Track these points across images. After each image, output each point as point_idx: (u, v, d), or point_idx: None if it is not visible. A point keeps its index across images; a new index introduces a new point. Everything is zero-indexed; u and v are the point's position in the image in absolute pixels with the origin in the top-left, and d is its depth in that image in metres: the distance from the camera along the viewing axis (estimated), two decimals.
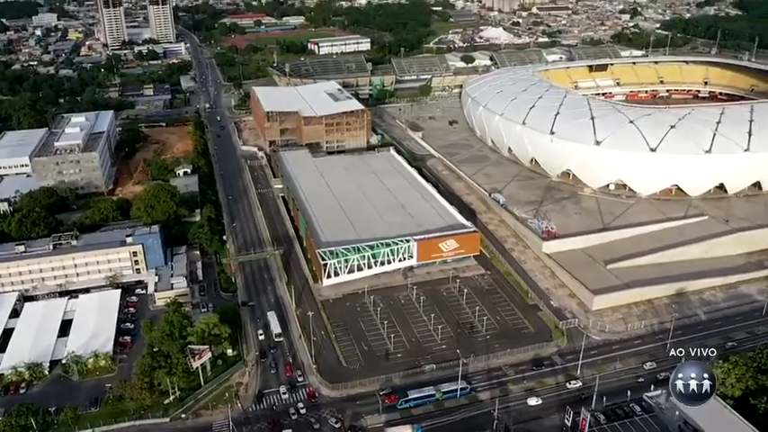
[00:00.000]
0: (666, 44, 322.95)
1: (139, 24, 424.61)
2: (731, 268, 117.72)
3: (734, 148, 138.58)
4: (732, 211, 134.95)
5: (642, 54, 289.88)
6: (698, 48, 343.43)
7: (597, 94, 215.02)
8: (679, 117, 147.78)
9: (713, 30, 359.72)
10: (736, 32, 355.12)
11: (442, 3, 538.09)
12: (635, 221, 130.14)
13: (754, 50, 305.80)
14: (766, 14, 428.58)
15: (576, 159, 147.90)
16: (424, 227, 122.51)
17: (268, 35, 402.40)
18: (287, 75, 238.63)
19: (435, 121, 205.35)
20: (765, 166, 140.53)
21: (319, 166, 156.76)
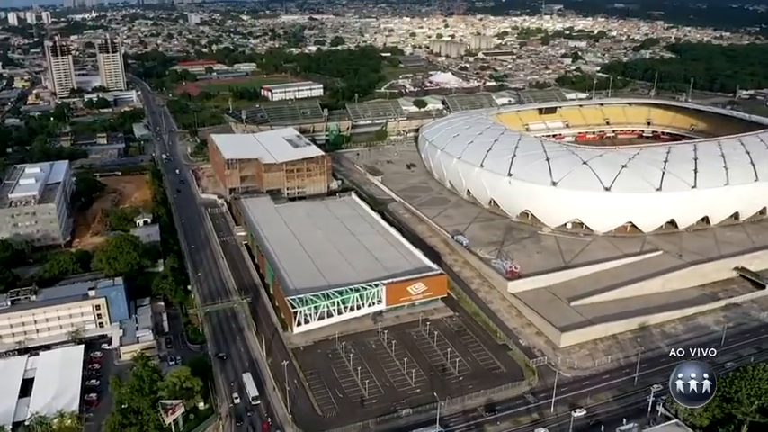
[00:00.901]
0: (608, 86, 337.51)
1: (88, 72, 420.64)
2: (687, 301, 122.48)
3: (682, 185, 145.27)
4: (684, 245, 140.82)
5: (587, 96, 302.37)
6: (637, 90, 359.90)
7: (548, 135, 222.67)
8: (629, 157, 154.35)
9: (650, 72, 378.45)
10: (671, 74, 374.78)
11: (391, 49, 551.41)
12: (594, 259, 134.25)
13: (689, 91, 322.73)
14: (697, 57, 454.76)
15: (534, 200, 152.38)
16: (392, 271, 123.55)
17: (220, 82, 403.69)
18: (243, 122, 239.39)
19: (393, 165, 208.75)
20: (712, 202, 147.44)
21: (282, 213, 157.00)
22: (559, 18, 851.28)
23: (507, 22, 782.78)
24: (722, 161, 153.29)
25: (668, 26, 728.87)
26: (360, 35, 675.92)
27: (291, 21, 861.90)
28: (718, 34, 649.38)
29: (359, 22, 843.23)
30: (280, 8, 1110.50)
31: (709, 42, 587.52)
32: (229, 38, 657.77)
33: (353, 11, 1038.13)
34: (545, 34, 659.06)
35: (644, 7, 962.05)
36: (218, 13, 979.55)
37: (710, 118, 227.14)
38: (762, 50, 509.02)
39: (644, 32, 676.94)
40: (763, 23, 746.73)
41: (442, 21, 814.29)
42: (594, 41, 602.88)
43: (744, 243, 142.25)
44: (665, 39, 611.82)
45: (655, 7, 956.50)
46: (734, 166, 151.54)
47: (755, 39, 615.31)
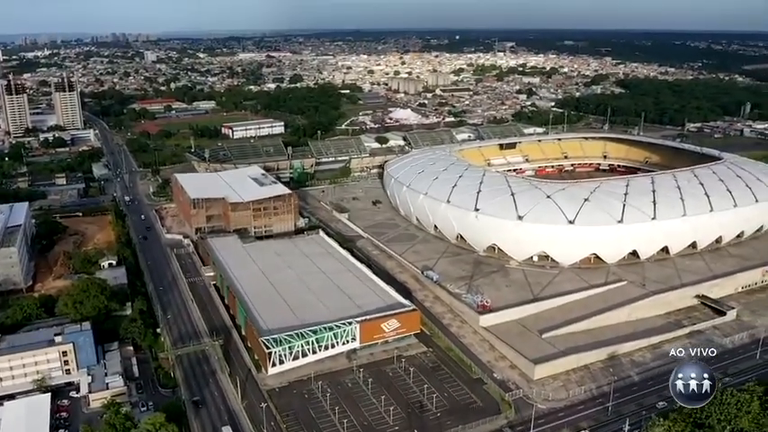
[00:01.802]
0: (563, 121, 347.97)
1: (43, 111, 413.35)
2: (653, 329, 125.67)
3: (642, 217, 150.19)
4: (647, 275, 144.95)
5: (544, 131, 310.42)
6: (591, 124, 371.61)
7: (509, 170, 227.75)
8: (590, 190, 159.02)
9: (602, 107, 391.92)
10: (622, 109, 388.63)
11: (350, 86, 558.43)
12: (562, 290, 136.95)
13: (641, 125, 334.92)
14: (645, 92, 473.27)
15: (500, 234, 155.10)
16: (364, 308, 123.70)
17: (179, 120, 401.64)
18: (207, 160, 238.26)
19: (359, 202, 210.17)
20: (671, 232, 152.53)
21: (250, 252, 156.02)
22: (512, 55, 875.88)
23: (462, 59, 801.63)
24: (678, 193, 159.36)
25: (616, 62, 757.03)
26: (318, 72, 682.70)
27: (249, 58, 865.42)
28: (663, 70, 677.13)
29: (316, 59, 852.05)
30: (237, 46, 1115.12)
31: (655, 78, 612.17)
32: (187, 75, 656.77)
33: (310, 48, 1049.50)
34: (499, 71, 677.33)
35: (592, 44, 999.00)
36: (175, 51, 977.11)
37: (663, 151, 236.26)
38: (705, 85, 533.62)
39: (594, 68, 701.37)
40: (704, 59, 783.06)
41: (398, 58, 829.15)
42: (547, 77, 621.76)
43: (703, 271, 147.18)
44: (614, 74, 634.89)
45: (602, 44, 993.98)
46: (690, 198, 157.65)
47: (698, 74, 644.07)
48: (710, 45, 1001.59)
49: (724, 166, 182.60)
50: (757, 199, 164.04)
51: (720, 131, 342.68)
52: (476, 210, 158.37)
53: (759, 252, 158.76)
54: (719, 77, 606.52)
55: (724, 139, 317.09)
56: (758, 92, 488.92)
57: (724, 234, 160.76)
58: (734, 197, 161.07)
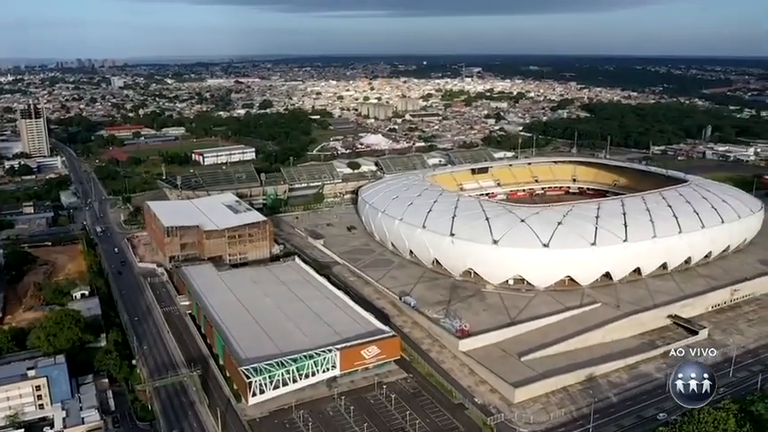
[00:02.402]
0: (532, 145, 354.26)
1: (8, 138, 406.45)
2: (629, 350, 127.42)
3: (614, 239, 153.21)
4: (620, 296, 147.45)
5: (513, 155, 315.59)
6: (559, 147, 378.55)
7: (481, 194, 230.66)
8: (563, 214, 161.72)
9: (569, 131, 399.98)
10: (589, 132, 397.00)
11: (320, 111, 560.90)
12: (539, 313, 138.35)
13: (607, 148, 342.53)
14: (610, 116, 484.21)
15: (476, 258, 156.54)
16: (344, 335, 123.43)
17: (149, 147, 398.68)
18: (178, 187, 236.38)
19: (334, 228, 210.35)
20: (642, 254, 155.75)
21: (226, 280, 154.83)
22: (479, 80, 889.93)
23: (431, 85, 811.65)
24: (648, 215, 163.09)
25: (580, 87, 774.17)
26: (288, 98, 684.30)
27: (217, 84, 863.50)
28: (626, 94, 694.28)
29: (285, 85, 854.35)
30: (205, 72, 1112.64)
31: (619, 102, 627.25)
32: (155, 102, 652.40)
33: (279, 74, 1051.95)
34: (467, 96, 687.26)
35: (556, 69, 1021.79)
36: (142, 77, 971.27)
37: (630, 173, 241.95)
38: (667, 108, 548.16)
39: (559, 93, 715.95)
40: (665, 84, 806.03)
41: (367, 83, 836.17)
42: (514, 102, 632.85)
43: (674, 292, 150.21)
44: (578, 99, 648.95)
45: (566, 69, 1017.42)
46: (659, 220, 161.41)
47: (660, 98, 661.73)
48: (670, 70, 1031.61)
49: (690, 188, 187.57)
50: (723, 220, 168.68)
51: (684, 154, 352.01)
52: (451, 235, 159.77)
53: (727, 272, 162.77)
54: (680, 101, 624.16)
55: (687, 162, 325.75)
56: (717, 115, 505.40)
57: (693, 255, 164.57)
58: (701, 219, 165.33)
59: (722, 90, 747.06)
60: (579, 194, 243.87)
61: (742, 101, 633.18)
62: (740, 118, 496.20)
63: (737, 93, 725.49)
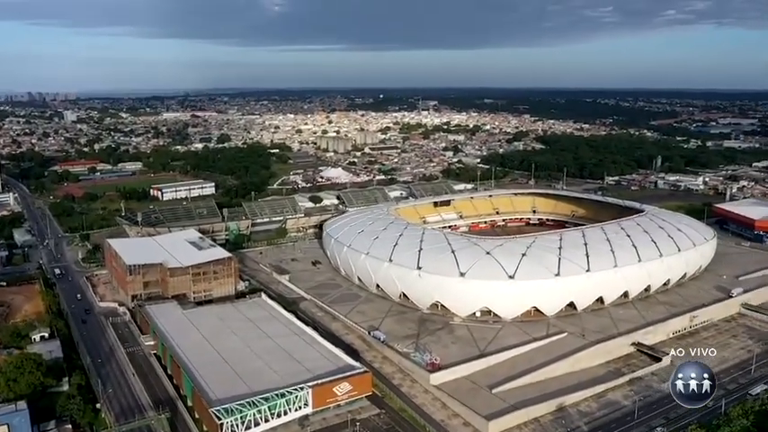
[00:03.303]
0: (490, 177, 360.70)
1: None
2: (596, 379, 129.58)
3: (577, 269, 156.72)
4: (585, 325, 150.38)
5: (473, 187, 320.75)
6: (517, 179, 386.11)
7: (444, 226, 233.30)
8: (527, 245, 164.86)
9: (526, 162, 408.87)
10: (545, 164, 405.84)
11: (279, 145, 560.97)
12: (507, 345, 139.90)
13: (564, 179, 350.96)
14: (564, 148, 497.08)
15: (443, 291, 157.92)
16: (314, 372, 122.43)
17: (105, 182, 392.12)
18: (139, 224, 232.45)
19: (299, 263, 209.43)
20: (605, 283, 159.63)
21: (192, 319, 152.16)
22: (436, 113, 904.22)
23: (388, 118, 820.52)
24: (609, 245, 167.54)
25: (534, 119, 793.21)
26: (246, 132, 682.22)
27: (173, 118, 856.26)
28: (578, 126, 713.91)
29: (243, 118, 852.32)
30: (160, 105, 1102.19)
31: (572, 134, 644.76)
32: (110, 136, 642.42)
33: (236, 108, 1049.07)
34: (425, 129, 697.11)
35: (510, 102, 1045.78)
36: (96, 111, 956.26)
37: (588, 204, 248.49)
38: (618, 140, 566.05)
39: (514, 125, 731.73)
40: (615, 115, 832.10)
41: (325, 117, 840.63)
42: (471, 135, 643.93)
43: (636, 319, 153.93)
44: (533, 131, 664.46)
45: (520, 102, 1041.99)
46: (619, 249, 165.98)
47: (611, 129, 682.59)
48: (619, 102, 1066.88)
49: (647, 218, 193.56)
50: (679, 248, 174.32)
51: (637, 184, 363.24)
52: (418, 268, 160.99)
53: (685, 299, 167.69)
54: (630, 133, 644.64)
55: (641, 191, 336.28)
56: (666, 145, 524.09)
57: (652, 283, 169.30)
58: (659, 248, 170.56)
59: (669, 121, 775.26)
60: (539, 225, 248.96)
61: (688, 132, 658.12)
62: (687, 148, 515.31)
63: (683, 124, 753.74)
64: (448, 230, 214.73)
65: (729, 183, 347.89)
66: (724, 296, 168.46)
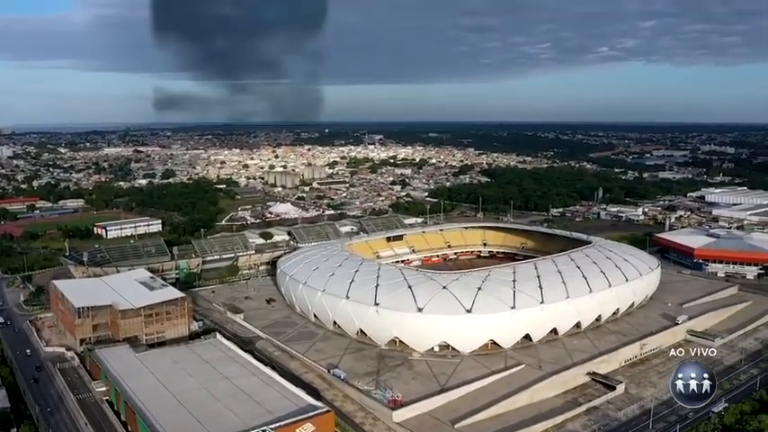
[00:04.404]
0: (439, 211, 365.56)
1: None
2: (555, 409, 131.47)
3: (532, 302, 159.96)
4: (541, 357, 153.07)
5: (422, 221, 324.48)
6: (465, 212, 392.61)
7: (397, 261, 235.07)
8: (482, 279, 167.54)
9: (473, 196, 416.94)
10: (491, 197, 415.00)
11: (226, 180, 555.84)
12: (467, 378, 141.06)
13: (510, 212, 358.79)
14: (509, 181, 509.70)
15: (401, 327, 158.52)
16: (276, 414, 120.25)
17: (45, 220, 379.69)
18: (85, 264, 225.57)
19: (253, 301, 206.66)
20: (558, 315, 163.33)
21: (145, 362, 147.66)
22: (382, 147, 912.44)
23: (335, 152, 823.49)
24: (560, 277, 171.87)
25: (479, 152, 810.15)
26: (191, 167, 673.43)
27: (115, 153, 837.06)
28: (521, 159, 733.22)
29: (187, 153, 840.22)
30: (101, 140, 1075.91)
31: (516, 167, 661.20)
32: (49, 172, 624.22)
33: (180, 142, 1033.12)
34: (372, 163, 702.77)
35: (455, 135, 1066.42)
36: (33, 146, 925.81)
37: (537, 236, 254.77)
38: (560, 172, 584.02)
39: (459, 159, 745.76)
40: (555, 148, 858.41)
41: (271, 152, 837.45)
42: (418, 168, 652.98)
43: (590, 349, 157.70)
44: (478, 164, 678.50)
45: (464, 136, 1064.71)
46: (570, 281, 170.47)
47: (553, 162, 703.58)
48: (558, 135, 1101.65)
49: (595, 249, 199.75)
50: (627, 278, 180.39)
51: (580, 215, 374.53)
52: (376, 304, 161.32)
53: (634, 327, 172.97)
54: (571, 165, 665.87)
55: (584, 223, 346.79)
56: (606, 177, 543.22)
57: (603, 313, 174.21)
58: (608, 278, 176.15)
59: (606, 154, 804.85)
60: (490, 258, 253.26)
61: (625, 163, 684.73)
62: (626, 179, 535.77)
63: (620, 156, 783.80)
64: (402, 265, 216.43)
65: (667, 213, 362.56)
66: (670, 323, 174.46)
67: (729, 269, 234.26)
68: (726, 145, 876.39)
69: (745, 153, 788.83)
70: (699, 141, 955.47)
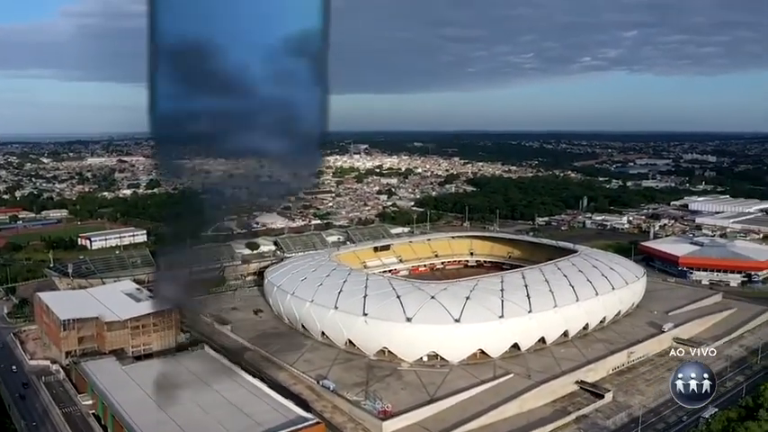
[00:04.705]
0: (426, 220, 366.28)
1: None
2: (545, 418, 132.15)
3: (519, 311, 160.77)
4: (530, 366, 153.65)
5: (409, 230, 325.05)
6: (451, 222, 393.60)
7: (385, 271, 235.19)
8: (470, 288, 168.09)
9: (459, 205, 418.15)
10: (477, 206, 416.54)
11: None
12: (456, 388, 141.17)
13: (497, 221, 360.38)
14: (495, 190, 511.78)
15: (390, 337, 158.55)
16: (266, 426, 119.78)
17: (28, 231, 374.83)
18: (70, 276, 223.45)
19: (240, 312, 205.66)
20: (546, 324, 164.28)
21: (132, 375, 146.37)
22: (368, 157, 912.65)
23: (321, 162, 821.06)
24: (548, 285, 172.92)
25: (464, 162, 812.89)
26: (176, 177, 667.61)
27: (99, 163, 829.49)
28: (506, 168, 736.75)
29: None
30: (84, 150, 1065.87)
31: (501, 176, 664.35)
32: (32, 182, 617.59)
33: None
34: (358, 173, 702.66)
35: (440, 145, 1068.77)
36: (15, 156, 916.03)
37: (523, 245, 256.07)
38: (545, 181, 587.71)
39: (444, 168, 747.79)
40: (540, 157, 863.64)
41: None
42: (404, 178, 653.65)
43: (577, 357, 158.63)
44: (463, 173, 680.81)
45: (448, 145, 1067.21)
46: (558, 290, 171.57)
47: (537, 171, 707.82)
48: (543, 144, 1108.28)
49: (581, 258, 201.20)
50: (613, 287, 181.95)
51: (566, 224, 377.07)
52: (364, 314, 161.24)
53: (621, 335, 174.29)
54: (555, 174, 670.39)
55: (570, 231, 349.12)
56: (590, 186, 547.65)
57: (590, 321, 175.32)
58: (594, 287, 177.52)
59: (590, 162, 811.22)
60: (477, 267, 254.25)
61: (609, 172, 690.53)
62: (610, 188, 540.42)
63: (604, 165, 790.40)
64: (390, 275, 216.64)
65: (652, 221, 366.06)
66: (656, 331, 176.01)
67: (713, 277, 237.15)
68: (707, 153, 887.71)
69: (726, 162, 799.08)
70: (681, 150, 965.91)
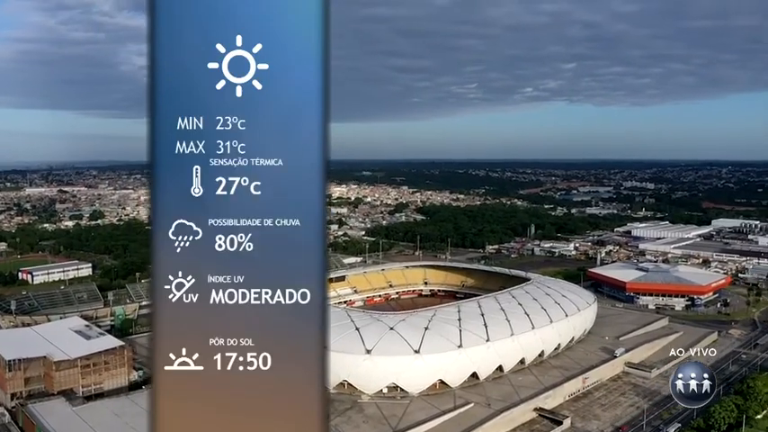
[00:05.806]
0: (378, 249, 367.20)
1: None
2: None
3: (478, 340, 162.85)
4: (489, 394, 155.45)
5: (362, 260, 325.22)
6: (403, 251, 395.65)
7: (340, 302, 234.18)
8: (428, 319, 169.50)
9: (410, 234, 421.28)
10: (428, 235, 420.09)
11: None
12: (417, 420, 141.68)
13: (448, 250, 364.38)
14: (444, 219, 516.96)
15: (351, 370, 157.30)
16: None
17: None
18: (12, 313, 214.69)
19: None
20: (504, 352, 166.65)
21: (84, 417, 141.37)
22: None
23: None
24: (503, 314, 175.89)
25: (413, 191, 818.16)
26: (121, 208, 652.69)
27: (38, 193, 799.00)
28: (454, 196, 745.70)
29: (116, 193, 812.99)
30: (22, 180, 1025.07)
31: (449, 204, 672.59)
32: None
33: (107, 182, 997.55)
34: None
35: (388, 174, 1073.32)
36: None
37: (476, 274, 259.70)
38: (493, 209, 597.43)
39: (394, 197, 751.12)
40: (486, 185, 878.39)
41: None
42: (354, 207, 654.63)
43: (535, 385, 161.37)
44: (412, 202, 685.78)
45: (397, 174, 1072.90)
46: (514, 318, 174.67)
47: (485, 199, 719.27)
48: (489, 173, 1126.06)
49: (534, 286, 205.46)
50: (567, 314, 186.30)
51: (515, 251, 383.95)
52: None
53: (575, 361, 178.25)
54: (502, 202, 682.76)
55: (520, 259, 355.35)
56: (537, 214, 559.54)
57: (545, 348, 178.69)
58: (549, 314, 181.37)
59: (535, 190, 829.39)
60: (432, 296, 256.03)
61: (554, 200, 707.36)
62: (556, 215, 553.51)
63: (549, 192, 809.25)
64: (346, 306, 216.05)
65: (598, 248, 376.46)
66: (609, 356, 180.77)
67: (659, 301, 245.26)
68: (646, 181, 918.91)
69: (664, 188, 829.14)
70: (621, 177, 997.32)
